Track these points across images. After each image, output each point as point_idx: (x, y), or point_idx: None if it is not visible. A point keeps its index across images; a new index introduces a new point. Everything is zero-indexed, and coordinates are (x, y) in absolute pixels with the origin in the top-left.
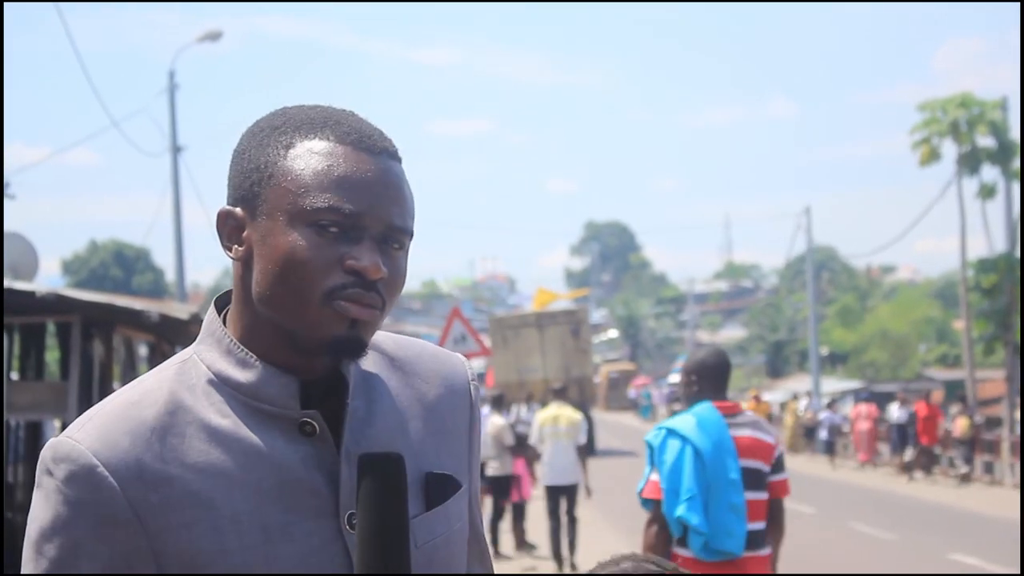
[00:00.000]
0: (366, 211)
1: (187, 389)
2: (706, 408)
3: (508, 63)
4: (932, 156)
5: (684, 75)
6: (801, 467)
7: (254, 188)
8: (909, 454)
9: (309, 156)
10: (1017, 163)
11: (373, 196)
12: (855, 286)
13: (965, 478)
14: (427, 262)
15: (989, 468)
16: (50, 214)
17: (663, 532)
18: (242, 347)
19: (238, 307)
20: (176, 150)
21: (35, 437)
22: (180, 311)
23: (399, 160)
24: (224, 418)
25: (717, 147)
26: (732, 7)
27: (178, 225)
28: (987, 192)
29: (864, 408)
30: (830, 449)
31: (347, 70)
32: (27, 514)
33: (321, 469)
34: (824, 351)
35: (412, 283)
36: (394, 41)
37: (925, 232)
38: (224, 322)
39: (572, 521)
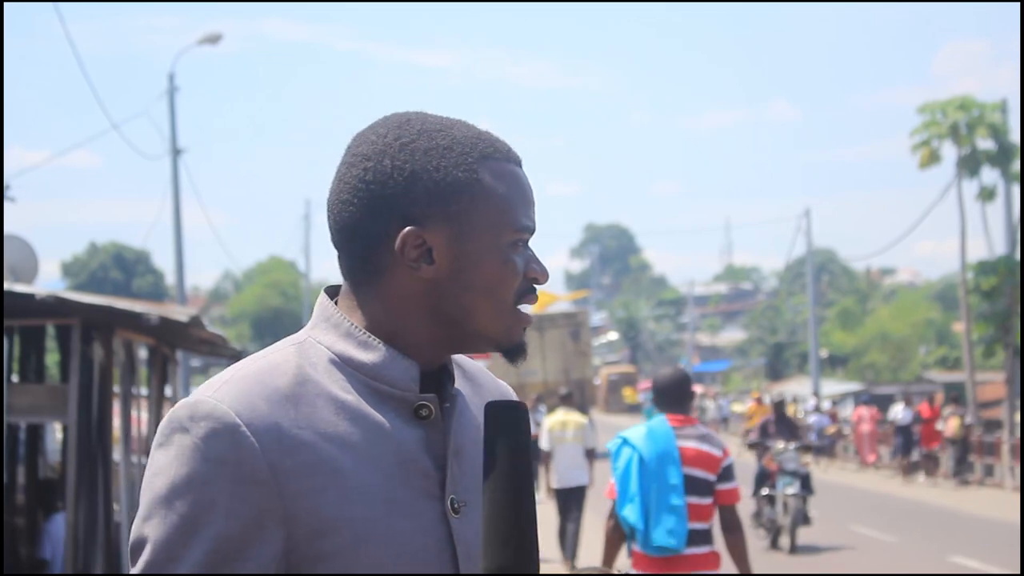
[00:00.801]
0: (534, 223)
1: (310, 365)
2: (659, 420)
3: (509, 66)
4: (932, 158)
5: (685, 78)
6: (821, 473)
7: (453, 210)
8: (916, 455)
9: (500, 178)
10: (1017, 165)
11: (530, 206)
12: (855, 288)
13: (961, 479)
14: None
15: (989, 471)
16: (50, 216)
17: (618, 528)
18: (364, 331)
19: (399, 305)
20: (176, 153)
21: (35, 440)
22: (180, 314)
23: None
24: (347, 394)
25: (717, 150)
26: (733, 10)
27: (178, 228)
28: (987, 194)
29: (865, 411)
30: (819, 451)
31: (348, 73)
32: (27, 516)
33: (430, 452)
34: (824, 353)
35: None
36: (395, 44)
37: (925, 234)
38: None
39: (577, 522)
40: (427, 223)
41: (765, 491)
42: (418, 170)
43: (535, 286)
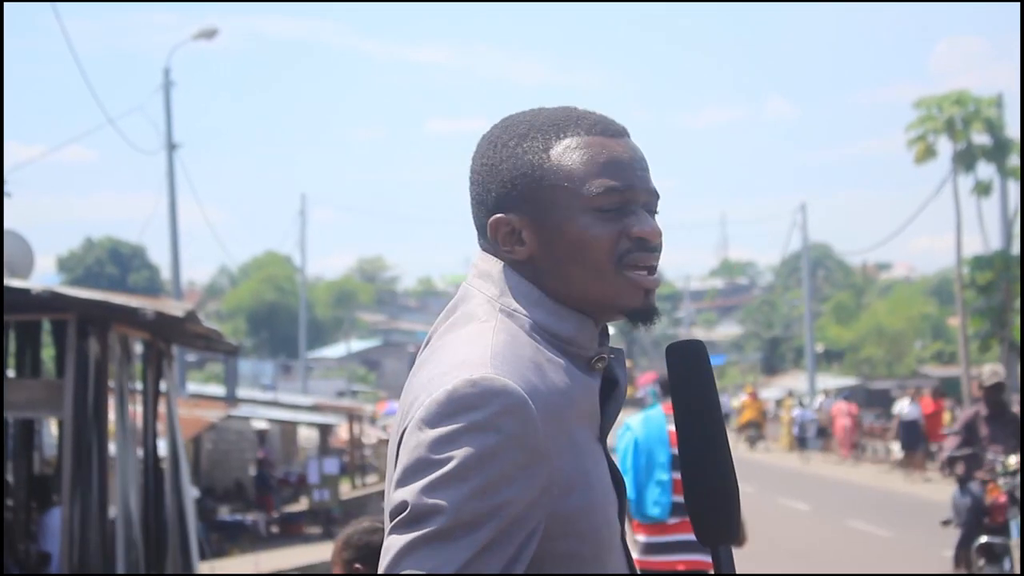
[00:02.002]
0: (633, 185)
1: (527, 333)
2: (656, 409)
3: (506, 63)
4: (928, 153)
5: (682, 76)
6: (795, 465)
7: (526, 192)
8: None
9: (572, 152)
10: (1012, 160)
11: (632, 171)
12: (851, 283)
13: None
14: (423, 259)
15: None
16: (45, 212)
17: None
18: (549, 298)
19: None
20: (171, 148)
21: (28, 434)
22: (176, 308)
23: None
24: (559, 357)
25: (714, 146)
26: (730, 8)
27: (173, 222)
28: (983, 189)
29: (844, 406)
30: (803, 445)
31: (344, 68)
32: (21, 512)
33: (596, 399)
34: (820, 348)
35: (408, 280)
36: (391, 40)
37: (921, 229)
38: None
39: None
40: (510, 209)
41: (984, 539)
42: (496, 162)
43: (649, 245)
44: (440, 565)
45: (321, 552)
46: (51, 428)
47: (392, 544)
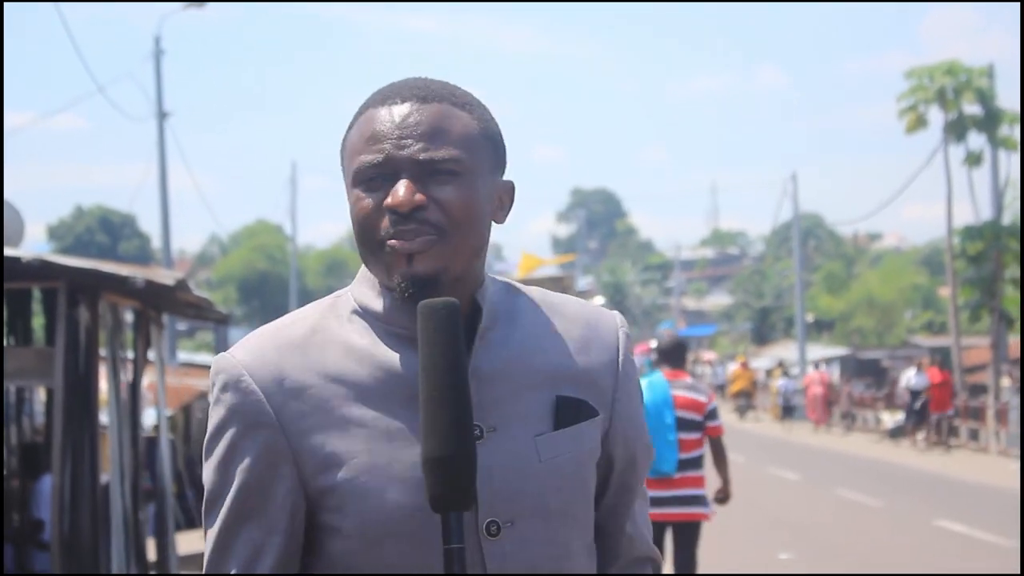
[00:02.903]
0: (391, 157)
1: (335, 316)
2: (657, 375)
3: (496, 31)
4: (919, 123)
5: (673, 44)
6: (785, 435)
7: (341, 163)
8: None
9: (351, 131)
10: (1003, 131)
11: (394, 141)
12: (841, 253)
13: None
14: None
15: (974, 435)
16: (35, 179)
17: None
18: (381, 284)
19: None
20: (162, 116)
21: (19, 403)
22: (166, 277)
23: (440, 102)
24: (362, 339)
25: (705, 116)
26: None
27: (164, 191)
28: (973, 160)
29: (816, 375)
30: (787, 414)
31: (334, 36)
32: (17, 479)
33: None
34: (810, 318)
35: None
36: (382, 8)
37: (911, 199)
38: None
39: None
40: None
41: None
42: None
43: (395, 213)
44: (208, 540)
45: None
46: (40, 396)
47: None
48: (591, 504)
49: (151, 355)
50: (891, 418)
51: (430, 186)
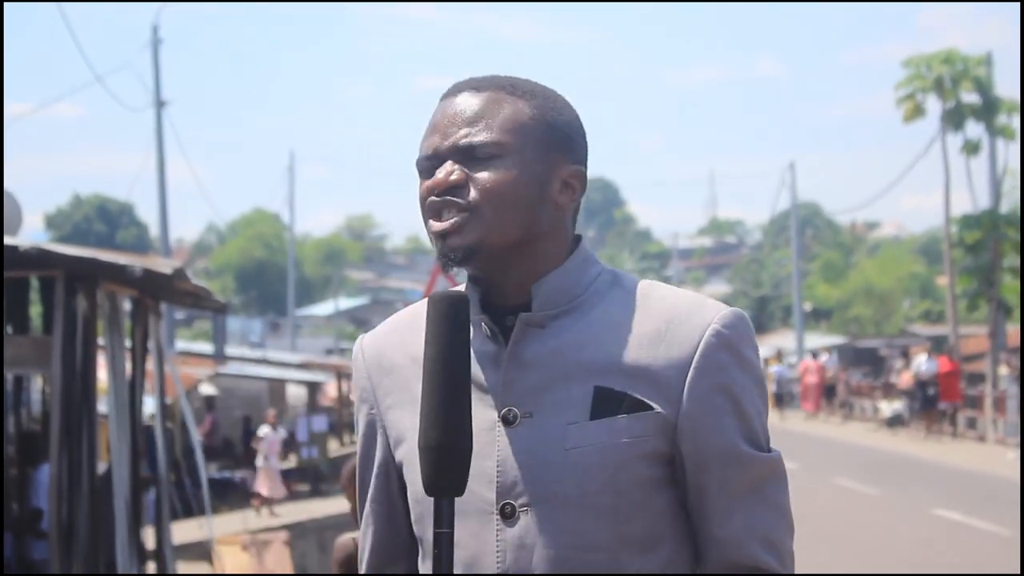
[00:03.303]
0: (436, 146)
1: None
2: None
3: (496, 20)
4: (916, 112)
5: (672, 33)
6: (779, 423)
7: None
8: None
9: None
10: (1001, 119)
11: (439, 131)
12: (839, 242)
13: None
14: (411, 218)
15: (972, 424)
16: (33, 168)
17: None
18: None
19: None
20: (160, 105)
21: (17, 392)
22: (164, 266)
23: (493, 90)
24: (469, 317)
25: (703, 104)
26: None
27: (162, 180)
28: (971, 148)
29: (811, 363)
30: (780, 402)
31: (333, 25)
32: (16, 468)
33: (497, 367)
34: (808, 307)
35: (396, 238)
36: None
37: (909, 188)
38: None
39: None
40: None
41: None
42: None
43: (432, 194)
44: None
45: (310, 509)
46: (37, 385)
47: None
48: (633, 496)
49: (149, 344)
50: (888, 407)
51: (472, 168)
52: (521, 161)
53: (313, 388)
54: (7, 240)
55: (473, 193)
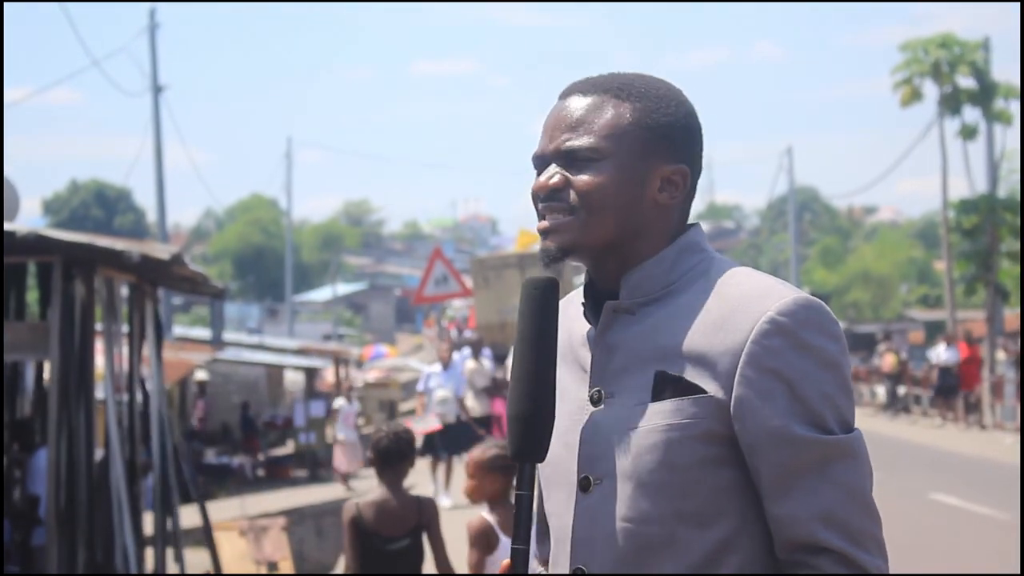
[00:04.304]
0: (543, 148)
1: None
2: None
3: (493, 4)
4: (914, 97)
5: (669, 18)
6: None
7: None
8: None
9: None
10: (998, 104)
11: (547, 133)
12: (837, 227)
13: (895, 411)
14: (409, 203)
15: (970, 408)
16: (31, 154)
17: None
18: None
19: None
20: (157, 90)
21: (14, 378)
22: (162, 251)
23: (600, 93)
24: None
25: (701, 89)
26: None
27: (159, 165)
28: (968, 133)
29: None
30: None
31: (330, 10)
32: (6, 454)
33: (591, 349)
34: (806, 292)
35: (394, 224)
36: None
37: (907, 173)
38: None
39: None
40: None
41: None
42: None
43: (536, 196)
44: None
45: (307, 495)
46: (30, 371)
47: None
48: (691, 474)
49: (147, 329)
50: (885, 391)
51: (572, 171)
52: (617, 165)
53: (311, 374)
54: (5, 226)
55: (572, 196)
